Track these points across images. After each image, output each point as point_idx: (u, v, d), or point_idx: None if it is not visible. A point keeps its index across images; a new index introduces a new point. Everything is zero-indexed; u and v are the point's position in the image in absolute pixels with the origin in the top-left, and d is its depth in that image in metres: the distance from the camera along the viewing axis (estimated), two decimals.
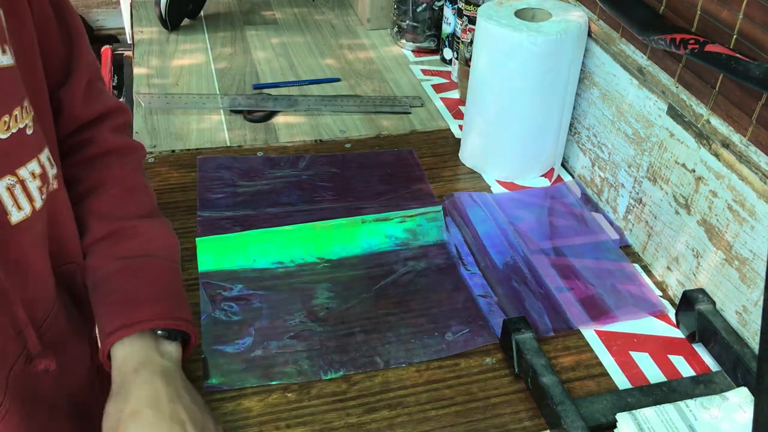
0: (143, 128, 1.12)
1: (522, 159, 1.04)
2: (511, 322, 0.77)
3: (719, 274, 0.78)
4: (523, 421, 0.71)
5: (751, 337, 0.75)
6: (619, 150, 0.94)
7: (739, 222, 0.74)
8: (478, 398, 0.73)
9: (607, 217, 0.98)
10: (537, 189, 1.03)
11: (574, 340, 0.80)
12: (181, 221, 0.93)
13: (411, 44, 1.39)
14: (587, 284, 0.86)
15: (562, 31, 0.93)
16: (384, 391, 0.74)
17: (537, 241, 0.93)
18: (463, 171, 1.06)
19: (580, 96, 1.01)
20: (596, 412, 0.70)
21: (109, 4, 2.82)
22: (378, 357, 0.77)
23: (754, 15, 0.69)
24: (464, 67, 1.19)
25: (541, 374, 0.71)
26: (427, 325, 0.80)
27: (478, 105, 1.02)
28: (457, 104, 1.22)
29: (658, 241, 0.88)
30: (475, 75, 1.01)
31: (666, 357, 0.78)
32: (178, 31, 1.43)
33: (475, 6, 1.15)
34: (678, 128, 0.82)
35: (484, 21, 0.96)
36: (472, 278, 0.87)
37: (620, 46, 0.92)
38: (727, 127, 0.75)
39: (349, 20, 1.53)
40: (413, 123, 1.17)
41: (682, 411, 0.68)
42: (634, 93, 0.89)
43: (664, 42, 0.76)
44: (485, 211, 0.96)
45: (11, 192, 0.58)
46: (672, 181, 0.84)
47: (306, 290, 0.84)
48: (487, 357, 0.78)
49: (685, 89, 0.81)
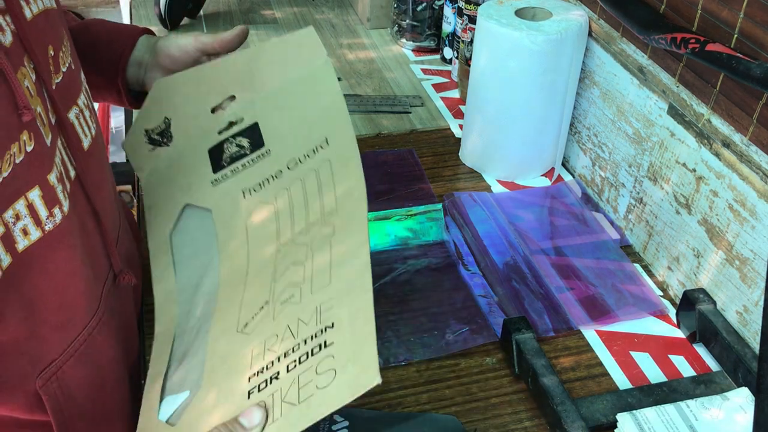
0: None
1: (522, 158, 1.04)
2: (511, 322, 0.76)
3: (720, 273, 0.78)
4: (523, 421, 0.71)
5: (751, 337, 0.74)
6: (620, 149, 0.94)
7: (740, 222, 0.74)
8: (478, 398, 0.73)
9: (607, 216, 0.98)
10: (537, 188, 1.03)
11: (575, 340, 0.80)
12: None
13: (411, 43, 1.38)
14: (587, 284, 0.86)
15: (562, 30, 0.93)
16: (384, 391, 0.73)
17: (537, 241, 0.92)
18: (463, 170, 1.06)
19: (581, 95, 1.01)
20: (596, 412, 0.69)
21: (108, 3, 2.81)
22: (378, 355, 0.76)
23: (755, 14, 0.69)
24: (464, 66, 1.19)
25: (542, 374, 0.71)
26: (426, 324, 0.80)
27: (478, 104, 1.02)
28: (458, 104, 1.22)
29: (659, 240, 0.88)
30: (475, 74, 1.01)
31: (666, 357, 0.78)
32: (177, 30, 1.43)
33: (475, 5, 1.15)
34: (679, 128, 0.82)
35: (484, 20, 0.96)
36: (472, 278, 0.87)
37: (621, 45, 0.91)
38: (728, 127, 0.75)
39: (349, 19, 1.53)
40: (413, 122, 1.17)
41: (683, 411, 0.68)
42: (635, 92, 0.89)
43: (664, 41, 0.76)
44: (485, 211, 0.96)
45: (78, 120, 0.63)
46: (673, 180, 0.84)
47: None
48: (487, 357, 0.78)
49: (685, 89, 0.81)
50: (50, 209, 0.56)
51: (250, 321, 0.62)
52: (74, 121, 0.63)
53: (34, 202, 0.54)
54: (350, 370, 0.55)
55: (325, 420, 0.69)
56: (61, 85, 0.61)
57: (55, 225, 0.57)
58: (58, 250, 0.58)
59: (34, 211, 0.55)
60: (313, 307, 0.60)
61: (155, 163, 0.77)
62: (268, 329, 0.61)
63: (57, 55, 0.61)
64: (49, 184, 0.56)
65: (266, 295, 0.64)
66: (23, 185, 0.53)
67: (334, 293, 0.60)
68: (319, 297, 0.61)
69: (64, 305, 0.60)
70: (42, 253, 0.56)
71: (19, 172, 0.52)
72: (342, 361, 0.56)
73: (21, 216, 0.53)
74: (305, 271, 0.63)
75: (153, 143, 0.76)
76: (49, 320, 0.59)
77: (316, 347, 0.58)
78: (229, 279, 0.68)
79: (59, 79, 0.61)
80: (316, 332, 0.58)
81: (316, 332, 0.58)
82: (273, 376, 0.58)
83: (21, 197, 0.53)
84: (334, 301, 0.60)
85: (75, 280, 0.61)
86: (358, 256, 0.62)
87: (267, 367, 0.59)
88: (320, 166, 0.70)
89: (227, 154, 0.73)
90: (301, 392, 0.56)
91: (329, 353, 0.57)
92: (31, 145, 0.54)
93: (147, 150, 0.77)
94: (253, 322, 0.62)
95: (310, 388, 0.56)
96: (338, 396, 0.54)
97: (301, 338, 0.59)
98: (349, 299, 0.59)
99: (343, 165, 0.69)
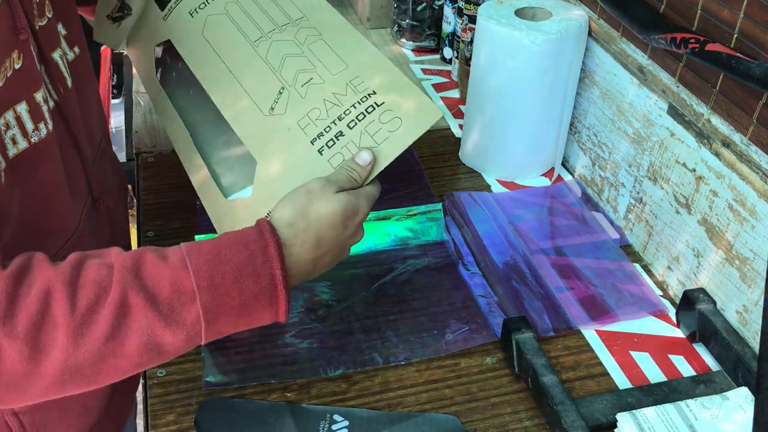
0: (143, 127, 1.12)
1: (522, 158, 1.04)
2: (511, 322, 0.76)
3: (720, 273, 0.78)
4: (523, 421, 0.71)
5: (751, 336, 0.74)
6: (620, 149, 0.94)
7: (740, 221, 0.74)
8: (478, 398, 0.73)
9: (607, 216, 0.98)
10: (537, 188, 1.03)
11: (575, 339, 0.80)
12: (180, 220, 0.93)
13: (411, 43, 1.38)
14: (587, 284, 0.86)
15: (562, 30, 0.93)
16: (384, 391, 0.73)
17: (537, 241, 0.92)
18: (463, 170, 1.06)
19: (581, 95, 1.01)
20: (596, 411, 0.69)
21: None
22: (377, 355, 0.77)
23: (755, 14, 0.69)
24: (464, 66, 1.19)
25: (541, 374, 0.71)
26: (426, 324, 0.80)
27: (478, 104, 1.02)
28: (458, 103, 1.22)
29: (659, 240, 0.88)
30: (475, 74, 1.01)
31: (666, 357, 0.78)
32: None
33: (475, 5, 1.15)
34: (678, 128, 0.82)
35: (484, 20, 0.95)
36: (471, 278, 0.87)
37: (621, 45, 0.91)
38: (728, 127, 0.75)
39: (349, 19, 1.52)
40: None
41: (683, 411, 0.68)
42: (635, 92, 0.89)
43: (664, 41, 0.76)
44: (485, 211, 0.96)
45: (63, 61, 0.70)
46: (672, 180, 0.84)
47: (306, 288, 0.84)
48: (487, 357, 0.78)
49: (685, 88, 0.81)
50: (36, 123, 0.63)
51: (275, 105, 0.72)
52: (58, 61, 0.70)
53: (21, 115, 0.62)
54: (413, 114, 0.70)
55: (325, 420, 0.69)
56: (44, 27, 0.67)
57: (40, 139, 0.64)
58: (45, 162, 0.65)
59: (22, 123, 0.62)
60: (343, 83, 0.72)
61: (125, 33, 0.90)
62: (303, 106, 0.71)
63: (42, 1, 0.67)
64: (35, 101, 0.63)
65: (276, 83, 0.73)
66: (12, 98, 0.60)
67: (356, 72, 0.72)
68: (344, 76, 0.72)
69: (52, 215, 0.68)
70: (30, 162, 0.63)
71: (9, 85, 0.59)
72: (402, 110, 0.70)
73: (10, 125, 0.60)
74: (309, 60, 0.74)
75: (116, 21, 0.87)
76: (40, 229, 0.66)
77: (369, 107, 0.70)
78: (212, 79, 0.77)
79: (43, 22, 0.67)
80: (361, 98, 0.71)
81: (360, 98, 0.71)
82: (336, 134, 0.70)
83: (10, 109, 0.60)
84: (362, 77, 0.72)
85: (60, 192, 0.68)
86: (365, 47, 0.75)
87: (326, 131, 0.70)
88: None
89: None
90: (376, 137, 0.69)
91: (386, 108, 0.70)
92: (20, 63, 0.60)
93: (114, 29, 0.88)
94: (279, 105, 0.72)
95: (383, 134, 0.69)
96: (411, 131, 0.70)
97: (349, 104, 0.70)
98: (376, 73, 0.72)
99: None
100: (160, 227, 0.92)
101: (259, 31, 0.77)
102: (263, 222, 0.63)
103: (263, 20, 0.77)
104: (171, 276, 0.57)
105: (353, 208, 0.66)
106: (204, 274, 0.58)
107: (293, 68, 0.73)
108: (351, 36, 0.76)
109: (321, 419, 0.69)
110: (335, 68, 0.73)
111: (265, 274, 0.60)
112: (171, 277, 0.57)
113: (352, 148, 0.69)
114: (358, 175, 0.68)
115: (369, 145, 0.69)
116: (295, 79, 0.73)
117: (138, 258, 0.58)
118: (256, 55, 0.75)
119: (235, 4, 0.79)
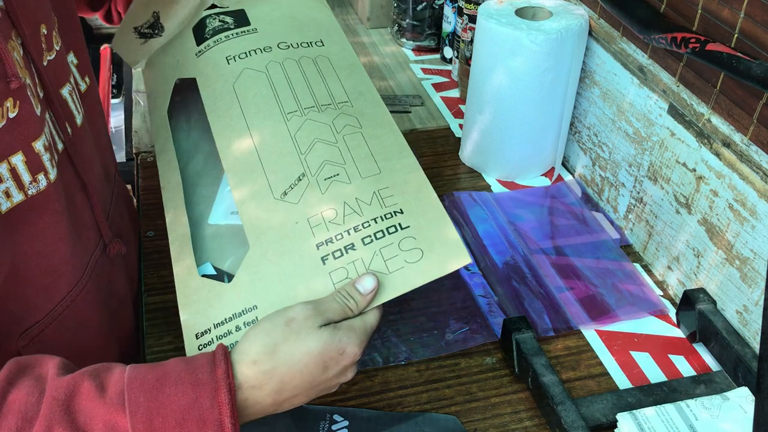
0: (142, 127, 1.12)
1: (522, 158, 1.03)
2: (511, 322, 0.76)
3: (720, 273, 0.78)
4: (523, 420, 0.71)
5: (751, 336, 0.74)
6: (620, 149, 0.94)
7: (740, 221, 0.74)
8: (478, 398, 0.73)
9: (607, 216, 0.98)
10: (537, 188, 1.03)
11: (575, 339, 0.80)
12: None
13: (411, 43, 1.38)
14: (587, 284, 0.86)
15: (562, 29, 0.93)
16: (384, 391, 0.73)
17: (537, 241, 0.92)
18: (463, 170, 1.06)
19: (581, 95, 1.01)
20: (596, 411, 0.69)
21: None
22: (377, 355, 0.76)
23: (755, 14, 0.69)
24: (464, 65, 1.19)
25: (541, 374, 0.71)
26: (426, 324, 0.80)
27: (478, 104, 1.02)
28: (458, 103, 1.22)
29: (659, 240, 0.88)
30: (475, 74, 1.01)
31: (666, 357, 0.78)
32: None
33: (475, 4, 1.15)
34: (679, 127, 0.82)
35: (484, 19, 0.95)
36: (471, 278, 0.87)
37: (621, 44, 0.91)
38: (728, 127, 0.75)
39: (349, 19, 1.53)
40: (413, 122, 1.17)
41: (683, 411, 0.68)
42: (635, 92, 0.89)
43: (665, 41, 0.76)
44: (485, 211, 0.96)
45: (72, 97, 0.67)
46: (673, 180, 0.84)
47: None
48: (487, 357, 0.78)
49: (686, 88, 0.81)
50: (34, 175, 0.59)
51: (289, 190, 0.64)
52: (67, 98, 0.66)
53: (17, 167, 0.57)
54: (438, 250, 0.61)
55: (325, 420, 0.69)
56: (53, 62, 0.63)
57: (39, 191, 0.60)
58: (43, 215, 0.61)
59: (17, 175, 0.58)
60: (370, 191, 0.64)
61: (149, 53, 0.84)
62: (319, 202, 0.63)
63: (50, 34, 0.64)
64: (33, 151, 0.59)
65: (297, 166, 0.65)
66: (5, 149, 0.56)
67: (389, 183, 0.64)
68: (373, 183, 0.64)
69: (48, 269, 0.63)
70: (26, 217, 0.59)
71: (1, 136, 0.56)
72: (427, 242, 0.61)
73: (3, 179, 0.56)
74: (341, 152, 0.65)
75: (144, 36, 0.82)
76: (33, 282, 0.62)
77: (392, 227, 0.61)
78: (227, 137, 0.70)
79: (52, 56, 0.63)
80: (385, 213, 0.62)
81: (385, 213, 0.62)
82: (347, 246, 0.61)
83: (3, 161, 0.56)
84: (393, 191, 0.64)
85: (60, 246, 0.64)
86: (405, 155, 0.66)
87: (336, 238, 0.62)
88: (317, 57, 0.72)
89: (209, 28, 0.77)
90: (389, 263, 0.60)
91: (408, 234, 0.61)
92: (15, 112, 0.57)
93: (138, 44, 0.83)
94: (293, 192, 0.64)
95: (398, 262, 0.60)
96: (430, 270, 0.60)
97: (370, 217, 0.62)
98: (409, 190, 0.64)
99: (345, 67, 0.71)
100: (160, 227, 0.92)
101: (296, 104, 0.68)
102: (221, 357, 0.55)
103: (304, 92, 0.69)
104: (105, 414, 0.52)
105: (337, 349, 0.57)
106: (141, 417, 0.52)
107: (321, 156, 0.65)
108: (393, 138, 0.68)
109: (321, 419, 0.69)
110: (366, 170, 0.65)
111: (212, 420, 0.53)
112: (105, 415, 0.52)
113: (360, 267, 0.60)
114: (354, 304, 0.59)
115: (378, 270, 0.60)
116: (320, 168, 0.64)
117: (73, 387, 0.52)
118: (285, 128, 0.67)
119: (279, 65, 0.71)
